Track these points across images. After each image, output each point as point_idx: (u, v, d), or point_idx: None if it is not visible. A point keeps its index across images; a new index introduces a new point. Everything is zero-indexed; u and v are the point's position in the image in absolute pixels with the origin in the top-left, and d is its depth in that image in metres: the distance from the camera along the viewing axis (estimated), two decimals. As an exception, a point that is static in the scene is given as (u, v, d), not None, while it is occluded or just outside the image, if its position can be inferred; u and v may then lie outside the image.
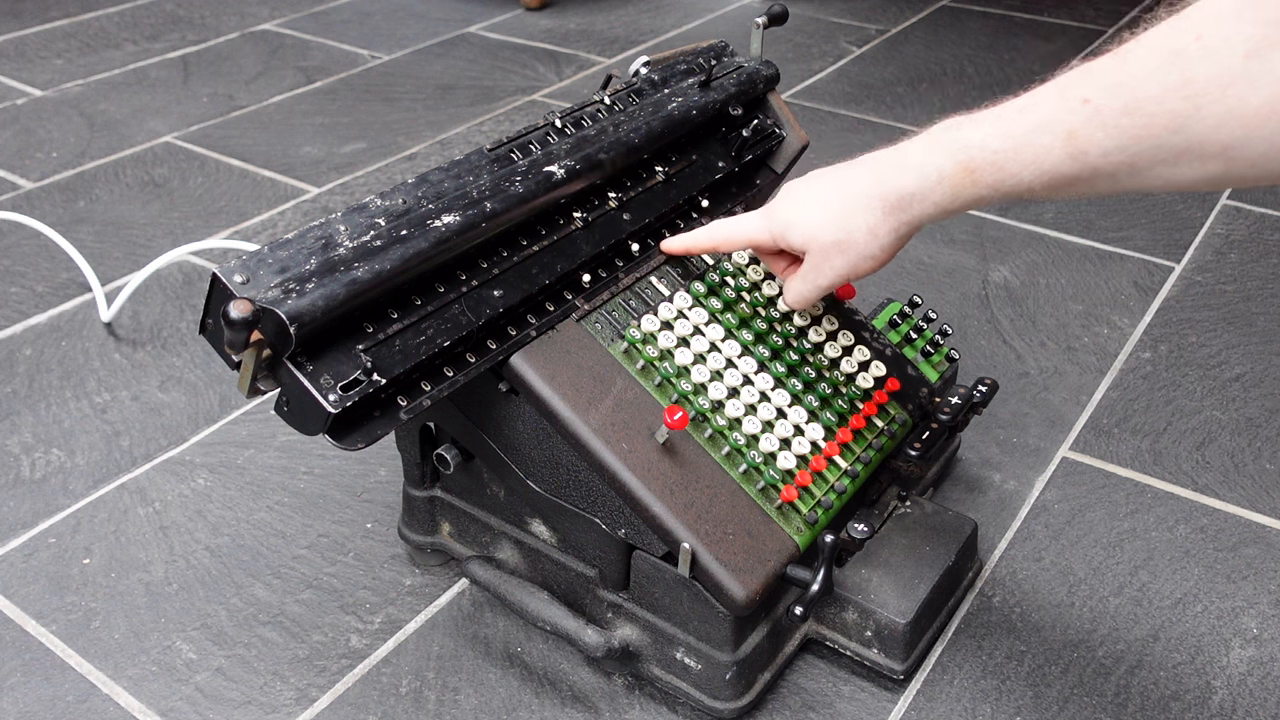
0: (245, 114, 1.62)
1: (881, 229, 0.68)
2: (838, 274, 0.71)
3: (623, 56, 1.84)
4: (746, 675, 0.72)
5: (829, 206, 0.70)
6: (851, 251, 0.69)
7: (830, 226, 0.70)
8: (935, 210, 0.66)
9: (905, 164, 0.66)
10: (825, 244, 0.70)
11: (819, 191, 0.71)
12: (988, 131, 0.62)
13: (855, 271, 0.70)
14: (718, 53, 0.90)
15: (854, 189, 0.69)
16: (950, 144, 0.64)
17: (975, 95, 1.71)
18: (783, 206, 0.73)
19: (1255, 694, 0.76)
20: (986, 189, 0.63)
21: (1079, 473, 0.95)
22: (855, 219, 0.68)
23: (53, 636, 0.80)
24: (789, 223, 0.72)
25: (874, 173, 0.68)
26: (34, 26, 1.94)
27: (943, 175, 0.64)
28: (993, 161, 0.62)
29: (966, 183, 0.63)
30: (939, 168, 0.64)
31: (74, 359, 1.09)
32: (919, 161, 0.65)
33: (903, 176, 0.66)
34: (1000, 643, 0.79)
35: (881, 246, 0.69)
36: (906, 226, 0.68)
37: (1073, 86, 0.59)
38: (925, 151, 0.65)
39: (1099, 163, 0.58)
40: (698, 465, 0.72)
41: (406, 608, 0.82)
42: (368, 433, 0.63)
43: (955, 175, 0.64)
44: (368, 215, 0.66)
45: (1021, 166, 0.61)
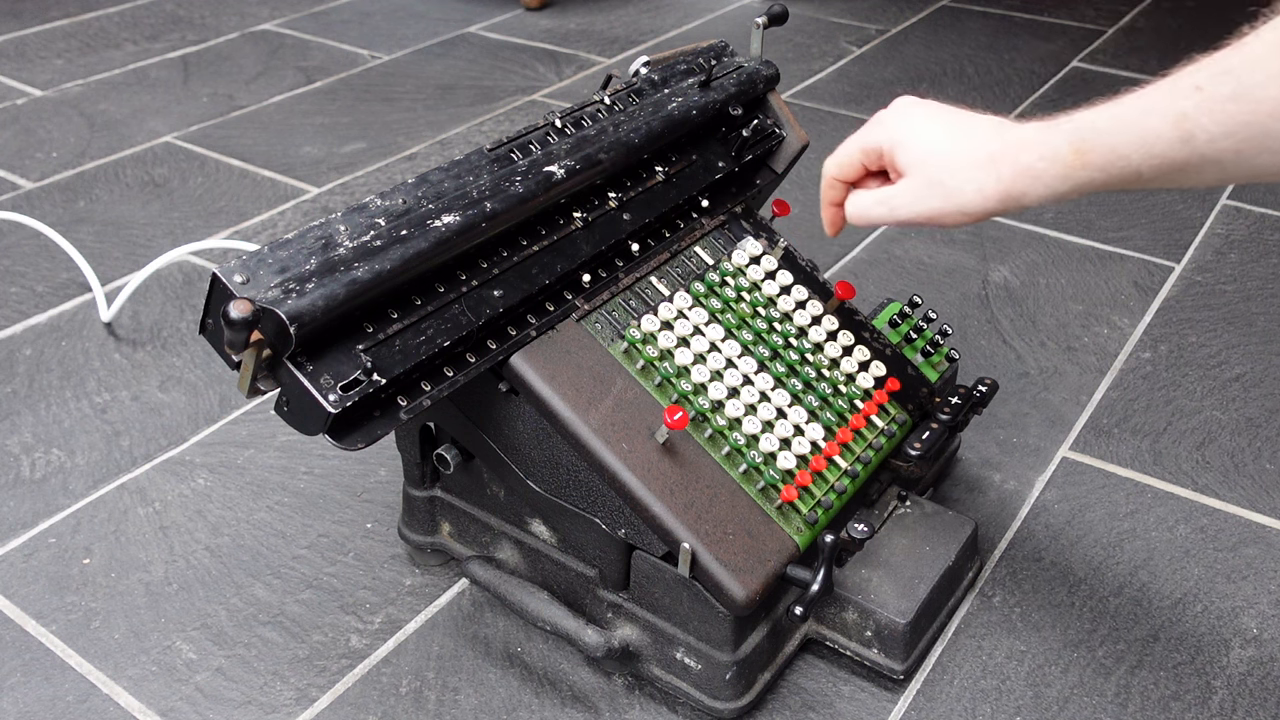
0: (245, 114, 1.62)
1: (991, 193, 0.67)
2: (925, 213, 0.69)
3: (623, 56, 1.84)
4: (746, 675, 0.72)
5: (953, 144, 0.68)
6: (952, 199, 0.68)
7: (946, 164, 0.68)
8: (1045, 191, 0.65)
9: (1028, 140, 0.66)
10: (931, 178, 0.69)
11: (942, 124, 0.70)
12: (1099, 113, 0.63)
13: (943, 220, 0.69)
14: (718, 53, 0.90)
15: (981, 141, 0.68)
16: (1065, 125, 0.64)
17: (975, 95, 1.71)
18: (899, 123, 0.71)
19: (1255, 694, 0.76)
20: (1097, 170, 0.63)
21: (1079, 473, 0.95)
22: (971, 172, 0.67)
23: (53, 636, 0.80)
24: (901, 139, 0.70)
25: (1000, 134, 0.67)
26: (34, 26, 1.94)
27: (1057, 155, 0.64)
28: (1104, 142, 0.62)
29: (1077, 164, 0.63)
30: (1054, 147, 0.64)
31: (74, 359, 1.09)
32: (1038, 139, 0.65)
33: (1023, 151, 0.66)
34: (1000, 643, 0.79)
35: (983, 209, 0.67)
36: (1013, 201, 0.67)
37: (1187, 75, 0.60)
38: (1045, 130, 0.65)
39: (1206, 149, 0.58)
40: (698, 465, 0.72)
41: (406, 608, 0.82)
42: (368, 433, 0.63)
43: (1068, 156, 0.63)
44: (368, 215, 0.66)
45: (1131, 148, 0.61)
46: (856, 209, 0.73)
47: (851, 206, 0.73)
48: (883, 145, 0.71)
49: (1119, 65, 1.82)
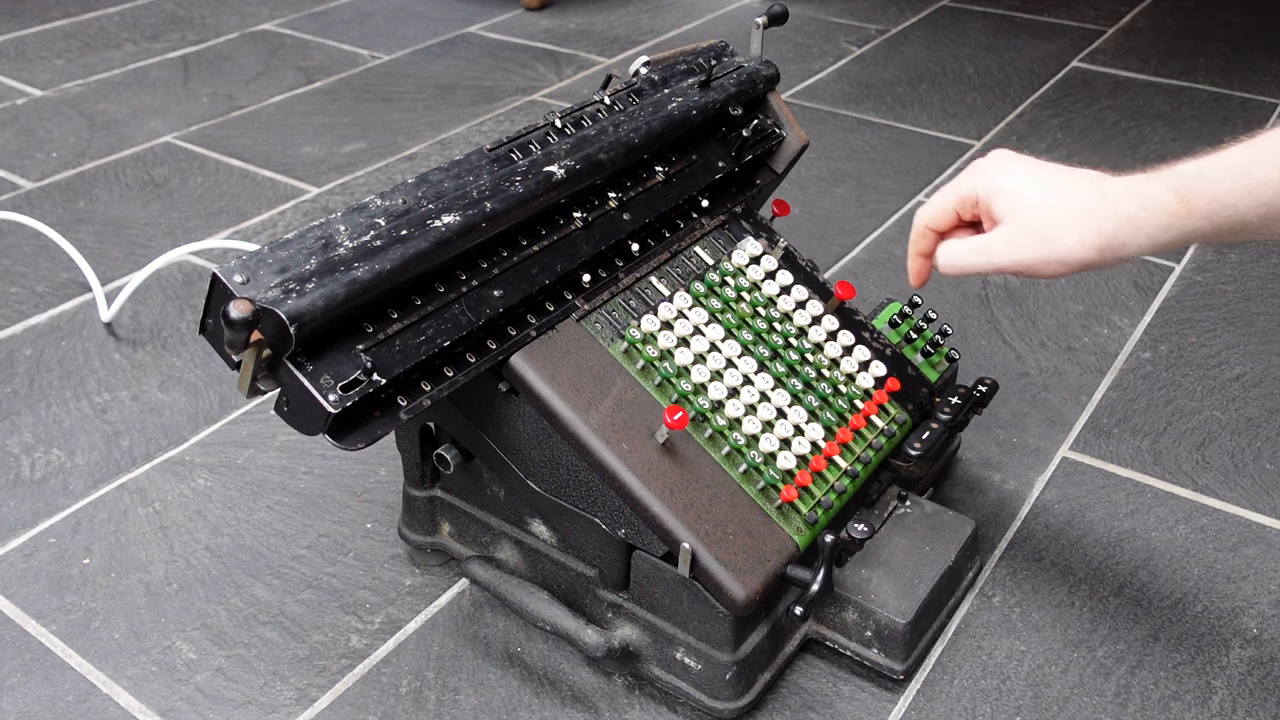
0: (245, 114, 1.62)
1: (1091, 243, 0.66)
2: (1023, 261, 0.68)
3: (623, 56, 1.84)
4: (746, 675, 0.72)
5: (1052, 196, 0.68)
6: (1051, 248, 0.67)
7: (1045, 214, 0.68)
8: (1146, 241, 0.65)
9: (1129, 189, 0.66)
10: (1030, 225, 0.68)
11: (1041, 176, 0.70)
12: (1205, 163, 0.63)
13: (1040, 269, 0.68)
14: (718, 53, 0.90)
15: (1080, 193, 0.67)
16: (1167, 175, 0.64)
17: (975, 95, 1.71)
18: (995, 171, 0.71)
19: (1255, 694, 0.76)
20: (1202, 219, 0.63)
21: (1079, 473, 0.95)
22: (1072, 221, 0.67)
23: (53, 636, 0.80)
24: (999, 188, 0.70)
25: (1099, 187, 0.67)
26: (34, 26, 1.94)
27: (1159, 204, 0.64)
28: (1208, 190, 0.62)
29: (1181, 212, 0.63)
30: (1157, 196, 0.64)
31: (74, 359, 1.09)
32: (1140, 189, 0.65)
33: (1124, 200, 0.65)
34: (1000, 643, 0.79)
35: (1082, 259, 0.67)
36: (1113, 252, 0.66)
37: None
38: (1145, 181, 0.65)
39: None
40: (698, 465, 0.72)
41: (406, 608, 0.82)
42: (368, 433, 0.63)
43: (1171, 205, 0.63)
44: (368, 215, 0.66)
45: (1238, 197, 0.61)
46: (951, 257, 0.72)
47: (945, 255, 0.73)
48: (979, 193, 0.71)
49: (1119, 65, 1.82)
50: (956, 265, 0.72)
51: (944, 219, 0.74)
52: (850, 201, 1.39)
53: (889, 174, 1.46)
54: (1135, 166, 0.67)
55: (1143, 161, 1.47)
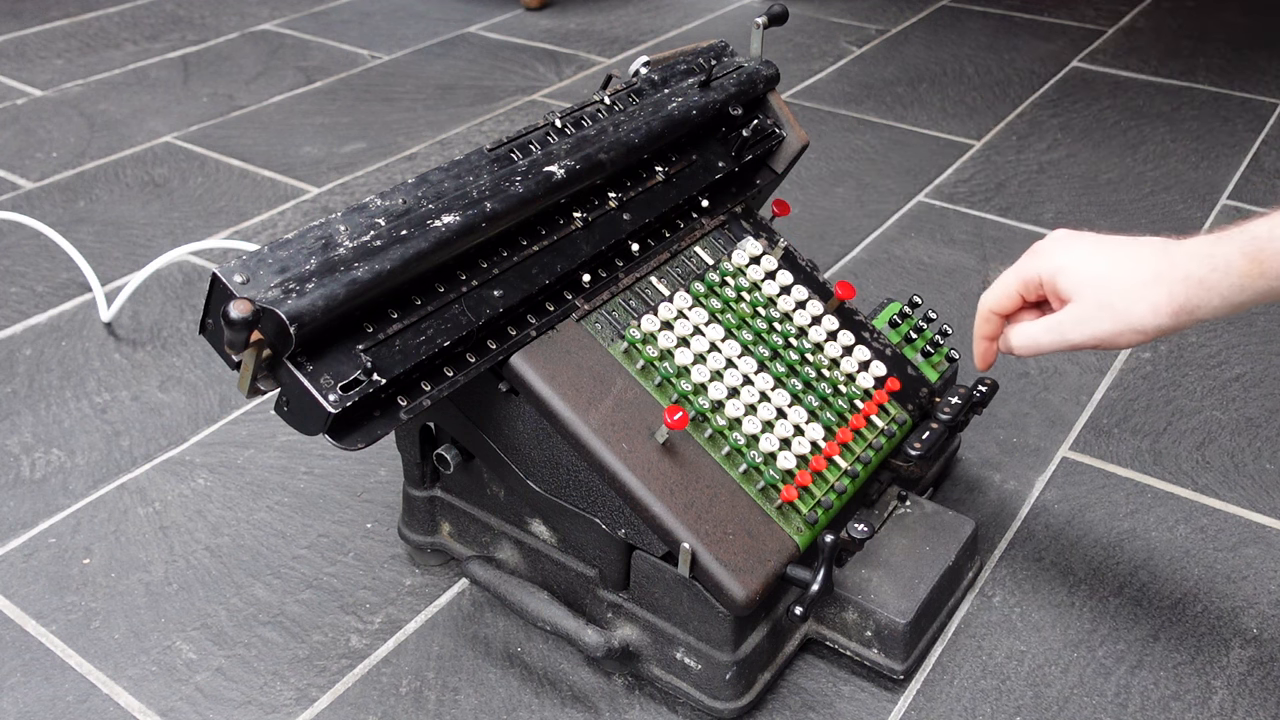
0: (245, 114, 1.62)
1: (1164, 309, 0.66)
2: (1098, 335, 0.68)
3: (623, 56, 1.84)
4: (746, 675, 0.72)
5: (1116, 268, 0.68)
6: (1124, 319, 0.67)
7: (1113, 286, 0.68)
8: (1221, 303, 0.65)
9: (1195, 252, 0.66)
10: (1100, 300, 0.68)
11: (1104, 250, 0.70)
12: (1275, 223, 0.62)
13: (1116, 340, 0.68)
14: (718, 53, 0.90)
15: (1146, 262, 0.67)
16: (1237, 236, 0.64)
17: (975, 95, 1.71)
18: (1056, 251, 0.71)
19: (1255, 694, 0.76)
20: (1276, 279, 0.63)
21: (1079, 473, 0.95)
22: (1142, 290, 0.67)
23: (53, 636, 0.80)
24: (1063, 266, 0.70)
25: (1165, 253, 0.67)
26: (34, 26, 1.94)
27: (1230, 266, 0.64)
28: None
29: (1254, 274, 0.63)
30: (1227, 259, 0.64)
31: (74, 359, 1.09)
32: (1208, 252, 0.65)
33: (1193, 263, 0.65)
34: (1000, 643, 0.79)
35: (1157, 326, 0.67)
36: (1187, 314, 0.66)
37: None
38: (1214, 243, 0.65)
39: None
40: (698, 465, 0.72)
41: (406, 608, 0.82)
42: (368, 433, 0.63)
43: (1244, 267, 0.63)
44: (368, 215, 0.66)
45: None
46: (1025, 339, 0.72)
47: (1019, 338, 0.73)
48: (1042, 275, 0.71)
49: (1119, 65, 1.82)
50: (1030, 347, 0.72)
51: (1008, 303, 0.75)
52: (850, 201, 1.39)
53: (889, 174, 1.46)
54: (1135, 166, 0.67)
55: (1143, 161, 1.48)
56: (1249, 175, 1.45)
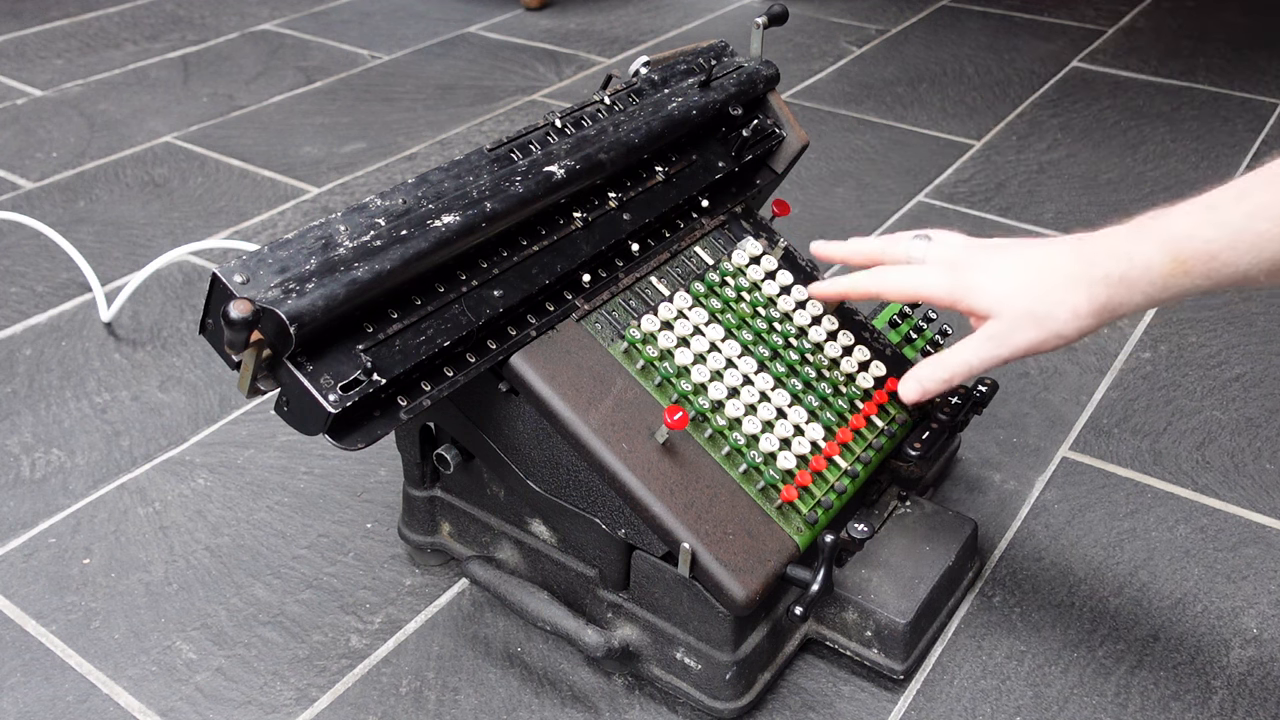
0: (245, 114, 1.62)
1: (1084, 309, 0.66)
2: (1023, 346, 0.68)
3: (623, 56, 1.84)
4: (746, 675, 0.72)
5: (1029, 275, 0.68)
6: (1047, 326, 0.67)
7: (1027, 296, 0.67)
8: (1143, 299, 0.64)
9: (1112, 249, 0.65)
10: (1019, 312, 0.68)
11: (1015, 259, 0.69)
12: (1198, 221, 0.62)
13: (1042, 347, 0.68)
14: (718, 53, 0.90)
15: (1059, 265, 0.67)
16: (1159, 233, 0.63)
17: (975, 95, 1.71)
18: (968, 266, 0.71)
19: (1255, 694, 0.76)
20: (1201, 278, 0.62)
21: (1079, 473, 0.95)
22: (1059, 294, 0.66)
23: (53, 636, 0.80)
24: (976, 284, 0.69)
25: (1078, 253, 0.67)
26: (34, 26, 1.94)
27: (1150, 264, 0.63)
28: (1206, 251, 0.61)
29: (1178, 273, 0.62)
30: (1147, 256, 0.63)
31: (74, 359, 1.09)
32: (1127, 250, 0.64)
33: (1110, 261, 0.65)
34: (1000, 643, 0.79)
35: (1079, 328, 0.66)
36: (1109, 313, 0.66)
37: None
38: (1133, 239, 0.64)
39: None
40: (698, 465, 0.72)
41: (406, 608, 0.82)
42: (368, 433, 0.63)
43: (1165, 265, 0.63)
44: (368, 215, 0.66)
45: (1238, 255, 0.60)
46: (958, 362, 0.71)
47: (951, 360, 0.72)
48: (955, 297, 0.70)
49: (1119, 65, 1.82)
50: (964, 372, 0.71)
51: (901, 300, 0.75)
52: (850, 201, 1.39)
53: (889, 174, 1.46)
54: (1135, 166, 0.67)
55: (1143, 161, 1.48)
56: (1249, 175, 1.45)
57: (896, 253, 0.76)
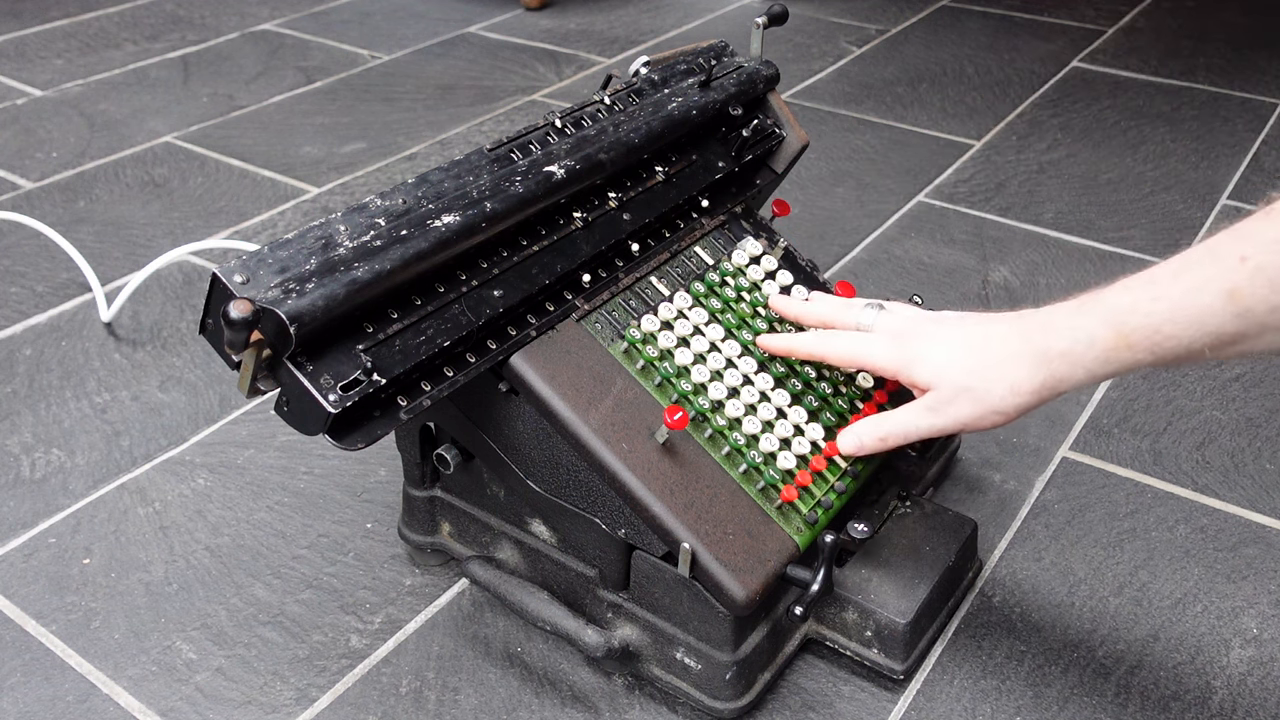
0: (245, 114, 1.62)
1: (1024, 387, 0.66)
2: (960, 420, 0.69)
3: (623, 56, 1.84)
4: (746, 675, 0.72)
5: (969, 350, 0.68)
6: (984, 402, 0.67)
7: (966, 370, 0.68)
8: (1085, 375, 0.64)
9: (1053, 325, 0.65)
10: (956, 386, 0.68)
11: (957, 333, 0.69)
12: (1138, 296, 0.62)
13: (980, 423, 0.68)
14: (718, 53, 0.90)
15: (998, 341, 0.67)
16: (1101, 308, 0.63)
17: (975, 95, 1.71)
18: (912, 338, 0.71)
19: (1255, 694, 0.76)
20: (1144, 353, 0.62)
21: (1079, 473, 0.95)
22: (997, 370, 0.66)
23: (53, 636, 0.80)
24: (918, 355, 0.70)
25: (1019, 330, 0.67)
26: (34, 26, 1.94)
27: (1094, 340, 0.63)
28: (1149, 324, 0.61)
29: (1121, 347, 0.62)
30: (1089, 331, 0.63)
31: (74, 359, 1.09)
32: (1069, 324, 0.64)
33: (1051, 337, 0.65)
34: (1000, 643, 0.79)
35: (1018, 405, 0.66)
36: (1049, 389, 0.65)
37: (1224, 246, 0.59)
38: (1074, 314, 0.64)
39: (1266, 319, 0.57)
40: (698, 465, 0.72)
41: (406, 608, 0.82)
42: (368, 433, 0.63)
43: (1108, 340, 0.62)
44: (368, 215, 0.66)
45: (1181, 329, 0.60)
46: (895, 427, 0.73)
47: (888, 425, 0.73)
48: (898, 370, 0.71)
49: (1119, 65, 1.82)
50: (900, 437, 0.72)
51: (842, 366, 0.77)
52: (850, 201, 1.39)
53: (889, 174, 1.46)
54: (1135, 166, 0.67)
55: (1143, 161, 1.48)
56: (1249, 175, 1.45)
57: (847, 319, 0.77)
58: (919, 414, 0.72)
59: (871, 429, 0.74)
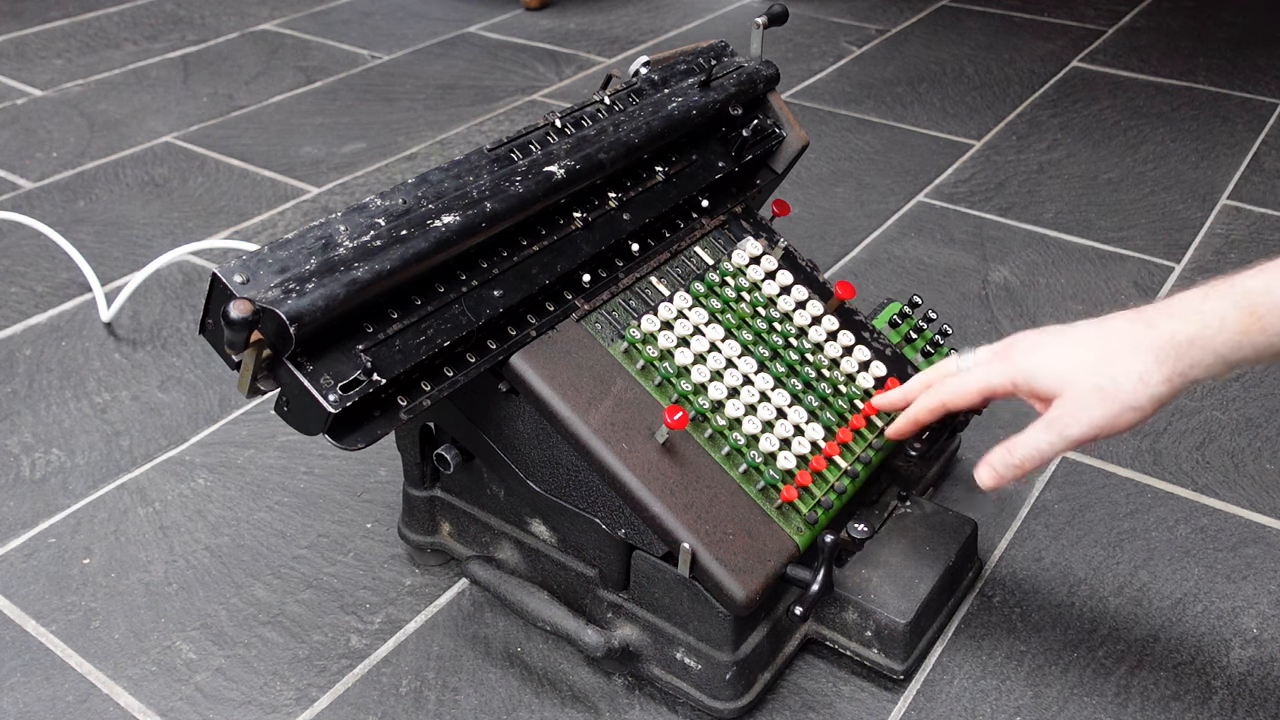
0: (245, 114, 1.62)
1: (1153, 377, 0.63)
2: (1094, 425, 0.65)
3: (623, 56, 1.84)
4: (746, 675, 0.72)
5: (1089, 350, 0.65)
6: (1116, 399, 0.63)
7: (1090, 369, 0.64)
8: (1216, 361, 0.62)
9: (1178, 311, 0.63)
10: (1084, 389, 0.64)
11: (1072, 336, 0.67)
12: (1272, 279, 0.60)
13: (1114, 425, 0.64)
14: (718, 53, 0.90)
15: (1118, 334, 0.64)
16: (1231, 292, 0.61)
17: (975, 95, 1.71)
18: (1024, 350, 0.68)
19: (1255, 694, 0.76)
20: (1277, 335, 0.60)
21: (1079, 473, 0.95)
22: (1122, 363, 0.63)
23: (53, 636, 0.80)
24: (1037, 366, 0.67)
25: (1141, 318, 0.64)
26: (34, 26, 1.94)
27: (1225, 321, 0.61)
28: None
29: (1255, 329, 0.60)
30: (1220, 313, 0.61)
31: (74, 359, 1.09)
32: (1195, 308, 0.62)
33: (1177, 322, 0.62)
34: (1000, 643, 0.79)
35: (1151, 397, 0.63)
36: (1180, 377, 0.62)
37: None
38: (1202, 298, 0.62)
39: None
40: (698, 465, 0.72)
41: (406, 608, 0.82)
42: (368, 433, 0.63)
43: (1240, 321, 0.60)
44: (368, 215, 0.66)
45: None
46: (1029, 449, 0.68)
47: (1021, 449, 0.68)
48: (1016, 381, 0.68)
49: (1119, 65, 1.82)
50: (1034, 458, 0.68)
51: (963, 403, 0.72)
52: (850, 201, 1.39)
53: (889, 174, 1.46)
54: (1135, 166, 0.67)
55: (1143, 162, 1.48)
56: (1249, 175, 1.45)
57: (945, 369, 0.75)
58: (1047, 430, 0.67)
59: (1003, 457, 0.69)
